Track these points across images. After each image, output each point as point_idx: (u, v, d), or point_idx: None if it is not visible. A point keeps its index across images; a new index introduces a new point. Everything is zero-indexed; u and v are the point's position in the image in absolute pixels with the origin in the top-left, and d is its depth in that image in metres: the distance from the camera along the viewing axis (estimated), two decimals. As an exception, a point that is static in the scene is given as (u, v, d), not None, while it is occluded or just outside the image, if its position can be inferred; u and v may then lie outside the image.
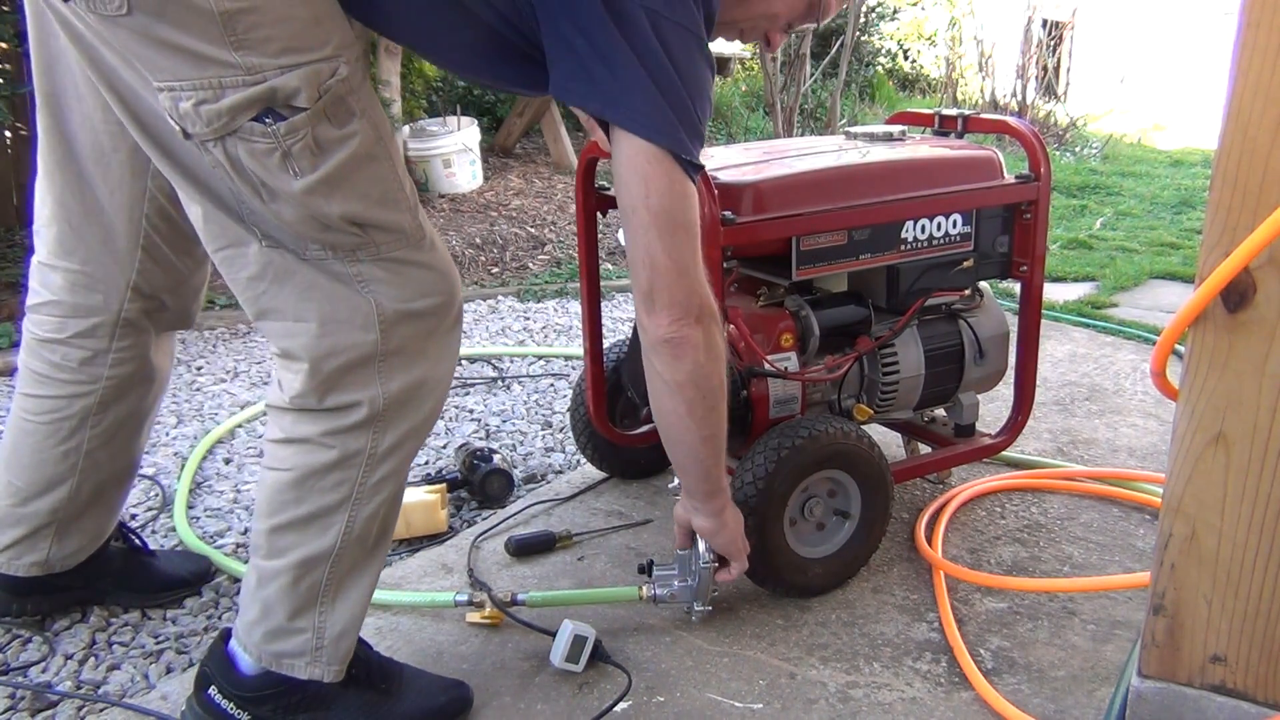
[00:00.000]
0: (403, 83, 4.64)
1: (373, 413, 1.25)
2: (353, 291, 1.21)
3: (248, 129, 1.10)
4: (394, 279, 1.22)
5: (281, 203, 1.14)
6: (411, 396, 1.27)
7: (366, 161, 1.17)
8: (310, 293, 1.21)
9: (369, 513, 1.30)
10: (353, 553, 1.31)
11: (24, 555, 1.60)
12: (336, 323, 1.21)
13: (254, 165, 1.12)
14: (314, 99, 1.10)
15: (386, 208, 1.20)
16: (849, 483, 1.73)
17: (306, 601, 1.30)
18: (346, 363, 1.23)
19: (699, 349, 1.34)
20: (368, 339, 1.22)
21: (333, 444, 1.26)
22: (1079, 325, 3.30)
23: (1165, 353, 1.14)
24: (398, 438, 1.28)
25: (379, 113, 1.19)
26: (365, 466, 1.27)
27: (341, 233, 1.18)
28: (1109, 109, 8.92)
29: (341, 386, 1.24)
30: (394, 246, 1.22)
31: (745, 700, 1.48)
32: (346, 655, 1.35)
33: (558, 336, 3.32)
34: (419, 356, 1.26)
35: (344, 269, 1.20)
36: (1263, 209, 1.04)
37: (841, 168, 1.74)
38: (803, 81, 5.58)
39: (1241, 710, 1.19)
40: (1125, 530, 1.97)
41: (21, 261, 3.75)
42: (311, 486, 1.27)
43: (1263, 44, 1.02)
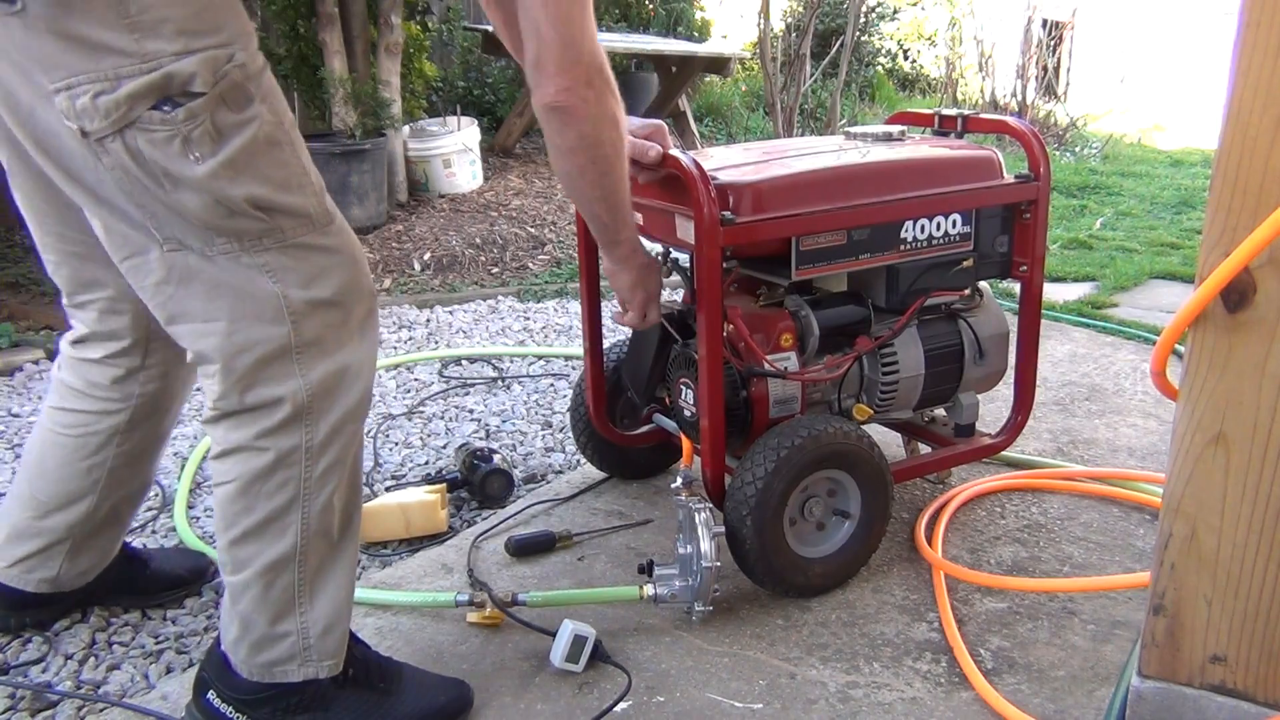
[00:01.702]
0: (403, 83, 4.63)
1: (297, 406, 1.24)
2: (259, 285, 1.20)
3: (146, 118, 1.10)
4: (301, 266, 1.21)
5: (184, 190, 1.13)
6: (336, 384, 1.26)
7: (268, 146, 1.17)
8: (216, 291, 1.20)
9: (321, 505, 1.28)
10: (318, 547, 1.30)
11: (35, 570, 1.60)
12: (245, 319, 1.20)
13: (155, 154, 1.11)
14: (210, 84, 1.11)
15: (290, 192, 1.19)
16: (848, 482, 1.73)
17: (284, 606, 1.30)
18: (260, 358, 1.22)
19: (585, 117, 1.36)
20: (279, 331, 1.21)
21: (266, 446, 1.25)
22: (1079, 325, 3.30)
23: (1165, 353, 1.14)
24: (331, 426, 1.26)
25: (280, 101, 1.19)
26: (305, 462, 1.26)
27: (247, 218, 1.17)
28: (1109, 109, 8.92)
29: (259, 382, 1.23)
30: (299, 231, 1.21)
31: (745, 700, 1.48)
32: (338, 649, 1.35)
33: (558, 336, 3.33)
34: (337, 345, 1.25)
35: (250, 260, 1.19)
36: (1263, 209, 1.04)
37: (841, 168, 1.74)
38: (803, 81, 5.58)
39: (1241, 710, 1.19)
40: (1125, 530, 1.97)
41: (21, 262, 3.75)
42: (257, 493, 1.26)
43: (1263, 44, 1.02)
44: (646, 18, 7.18)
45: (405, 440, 2.49)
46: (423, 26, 4.95)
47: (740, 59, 7.10)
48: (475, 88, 5.91)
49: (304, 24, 4.43)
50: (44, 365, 3.00)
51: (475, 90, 5.90)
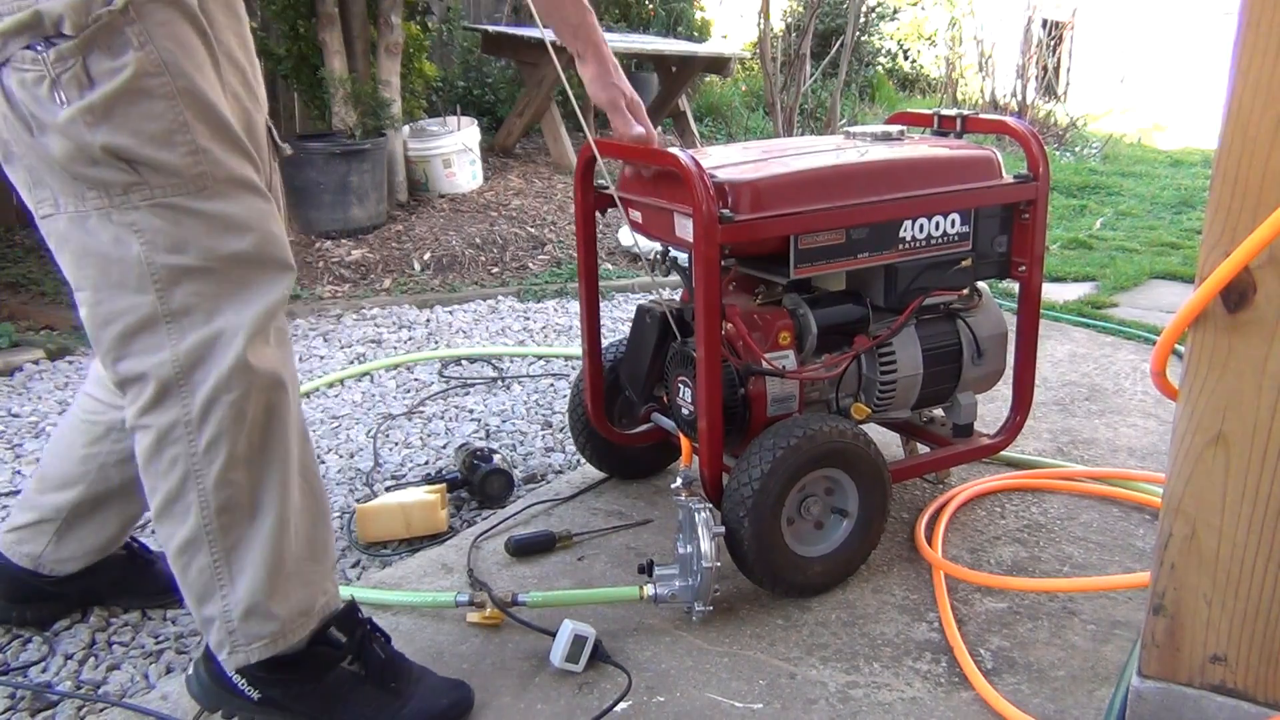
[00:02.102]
0: (403, 83, 4.63)
1: (162, 382, 1.20)
2: (125, 248, 1.16)
3: (19, 57, 1.09)
4: (172, 229, 1.17)
5: (49, 135, 1.12)
6: (205, 353, 1.20)
7: (141, 96, 1.13)
8: (84, 260, 1.18)
9: (215, 481, 1.23)
10: (225, 525, 1.25)
11: (24, 543, 1.61)
12: (109, 288, 1.18)
13: (24, 95, 1.10)
14: (80, 26, 1.09)
15: (160, 146, 1.14)
16: (846, 481, 1.73)
17: (204, 589, 1.27)
18: (125, 329, 1.19)
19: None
20: (143, 300, 1.18)
21: (148, 423, 1.22)
22: (1079, 325, 3.30)
23: (1165, 353, 1.14)
24: (206, 396, 1.21)
25: (176, 51, 1.15)
26: (188, 438, 1.22)
27: (108, 168, 1.13)
28: (1109, 109, 8.93)
29: (127, 355, 1.20)
30: (170, 191, 1.16)
31: (745, 700, 1.48)
32: (270, 629, 1.30)
33: (558, 336, 3.33)
34: (209, 315, 1.20)
35: (120, 218, 1.16)
36: (1263, 209, 1.04)
37: (840, 167, 1.74)
38: (803, 81, 5.58)
39: (1241, 710, 1.19)
40: (1125, 530, 1.97)
41: (21, 262, 3.75)
42: (155, 471, 1.24)
43: (1263, 44, 1.02)
44: (646, 18, 7.18)
45: (405, 440, 2.49)
46: (423, 26, 4.95)
47: (740, 59, 7.10)
48: (475, 88, 5.91)
49: (304, 24, 4.43)
50: (44, 365, 3.00)
51: (475, 90, 5.90)
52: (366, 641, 1.41)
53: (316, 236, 4.14)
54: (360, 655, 1.40)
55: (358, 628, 1.40)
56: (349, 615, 1.40)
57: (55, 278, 3.60)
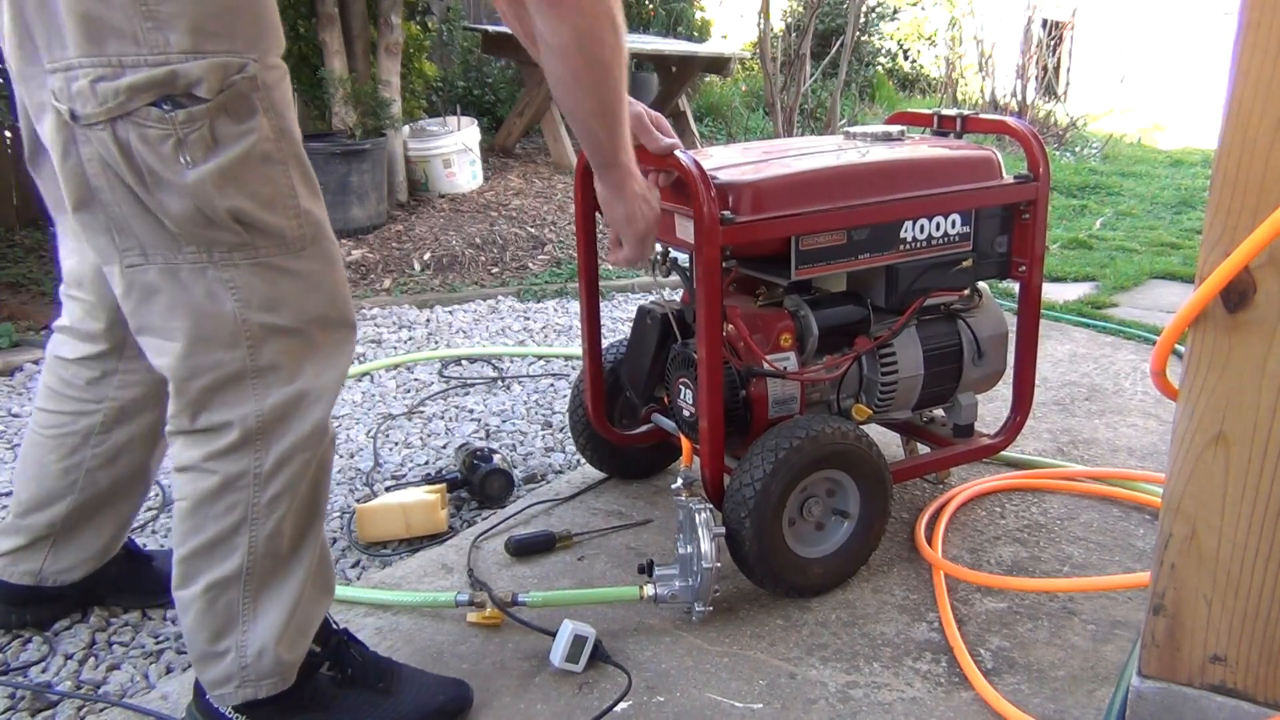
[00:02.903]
0: (403, 83, 4.63)
1: (245, 433, 1.21)
2: (219, 303, 1.17)
3: (143, 113, 1.08)
4: (266, 288, 1.18)
5: (167, 193, 1.11)
6: (290, 412, 1.23)
7: (260, 161, 1.15)
8: (175, 311, 1.18)
9: (270, 531, 1.26)
10: (264, 568, 1.28)
11: (19, 564, 1.61)
12: (201, 341, 1.18)
13: (144, 151, 1.09)
14: (215, 91, 1.09)
15: (272, 210, 1.17)
16: (847, 482, 1.73)
17: (224, 624, 1.28)
18: (212, 382, 1.20)
19: (580, 9, 1.27)
20: (234, 355, 1.19)
21: (214, 469, 1.23)
22: (1079, 325, 3.30)
23: (1165, 353, 1.14)
24: (282, 454, 1.24)
25: (287, 116, 1.17)
26: (254, 488, 1.24)
27: (224, 230, 1.14)
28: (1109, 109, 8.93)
29: (211, 406, 1.21)
30: (271, 251, 1.18)
31: (745, 700, 1.48)
32: (276, 668, 1.31)
33: (558, 336, 3.33)
34: (294, 373, 1.22)
35: (216, 274, 1.16)
36: (1263, 209, 1.04)
37: (840, 167, 1.74)
38: (803, 81, 5.58)
39: (1241, 710, 1.19)
40: (1125, 530, 1.97)
41: (21, 262, 3.75)
42: (206, 514, 1.24)
43: (1263, 44, 1.02)
44: (646, 18, 7.19)
45: (405, 440, 2.49)
46: (423, 26, 4.95)
47: (740, 59, 7.10)
48: (475, 88, 5.91)
49: (304, 24, 4.43)
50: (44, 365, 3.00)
51: (475, 90, 5.90)
52: (342, 648, 1.41)
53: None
54: (337, 660, 1.40)
55: (330, 635, 1.41)
56: (321, 625, 1.40)
57: (55, 278, 3.60)
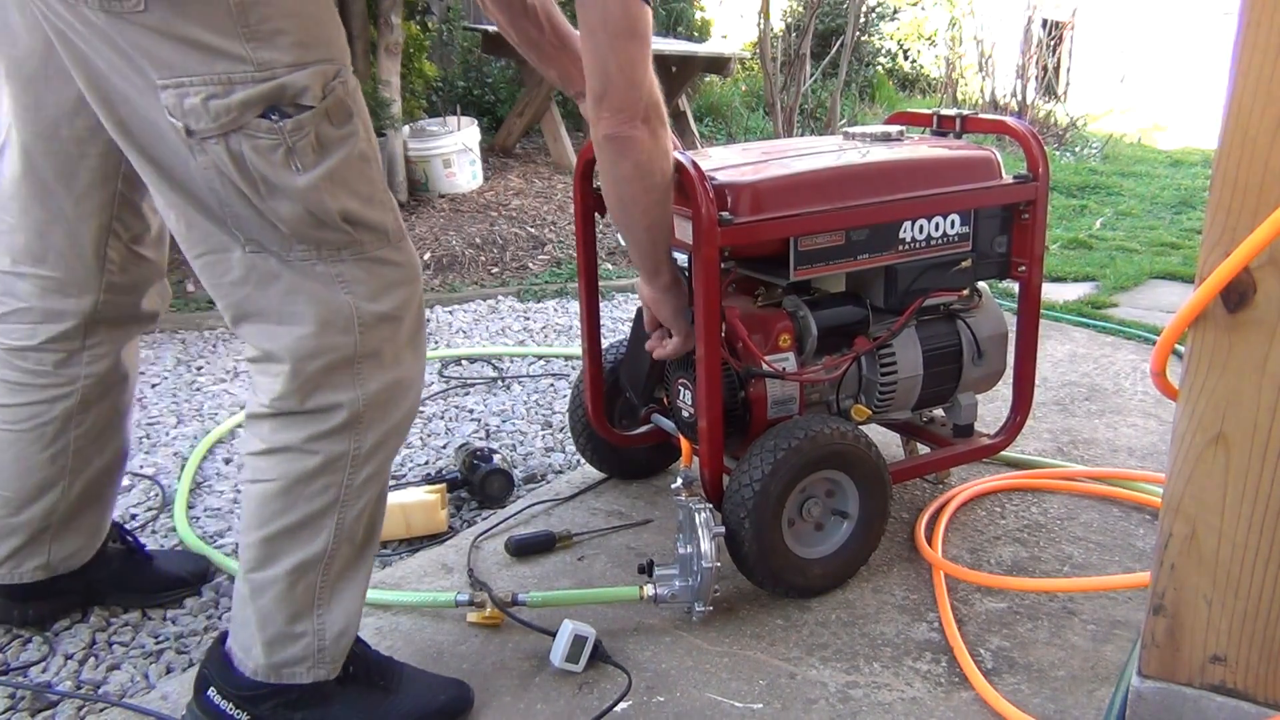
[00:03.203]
0: (403, 83, 4.63)
1: (353, 415, 1.27)
2: (333, 294, 1.23)
3: (254, 125, 1.12)
4: (371, 279, 1.25)
5: (280, 199, 1.16)
6: (390, 397, 1.29)
7: (361, 161, 1.21)
8: (295, 296, 1.22)
9: (356, 513, 1.31)
10: (344, 552, 1.32)
11: (25, 562, 1.60)
12: (321, 324, 1.23)
13: (258, 161, 1.14)
14: (319, 98, 1.14)
15: (375, 207, 1.23)
16: (847, 483, 1.73)
17: (304, 605, 1.31)
18: (328, 364, 1.24)
19: (641, 147, 1.45)
20: (347, 341, 1.24)
21: (316, 449, 1.27)
22: (1079, 325, 3.30)
23: (1165, 353, 1.14)
24: (378, 438, 1.30)
25: (368, 118, 1.24)
26: (350, 469, 1.29)
27: (335, 230, 1.20)
28: (1109, 109, 8.93)
29: (323, 388, 1.25)
30: (377, 245, 1.25)
31: (745, 700, 1.48)
32: (344, 653, 1.37)
33: (558, 336, 3.33)
34: (393, 359, 1.29)
35: (326, 269, 1.22)
36: (1263, 209, 1.04)
37: (839, 168, 1.74)
38: (803, 81, 5.58)
39: (1241, 710, 1.19)
40: (1125, 530, 1.97)
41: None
42: (299, 494, 1.28)
43: (1263, 44, 1.02)
44: (646, 18, 7.17)
45: (405, 440, 2.49)
46: (423, 26, 4.95)
47: (740, 59, 7.10)
48: (475, 88, 5.91)
49: (304, 24, 4.43)
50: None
51: (475, 90, 5.90)
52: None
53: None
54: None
55: None
56: None
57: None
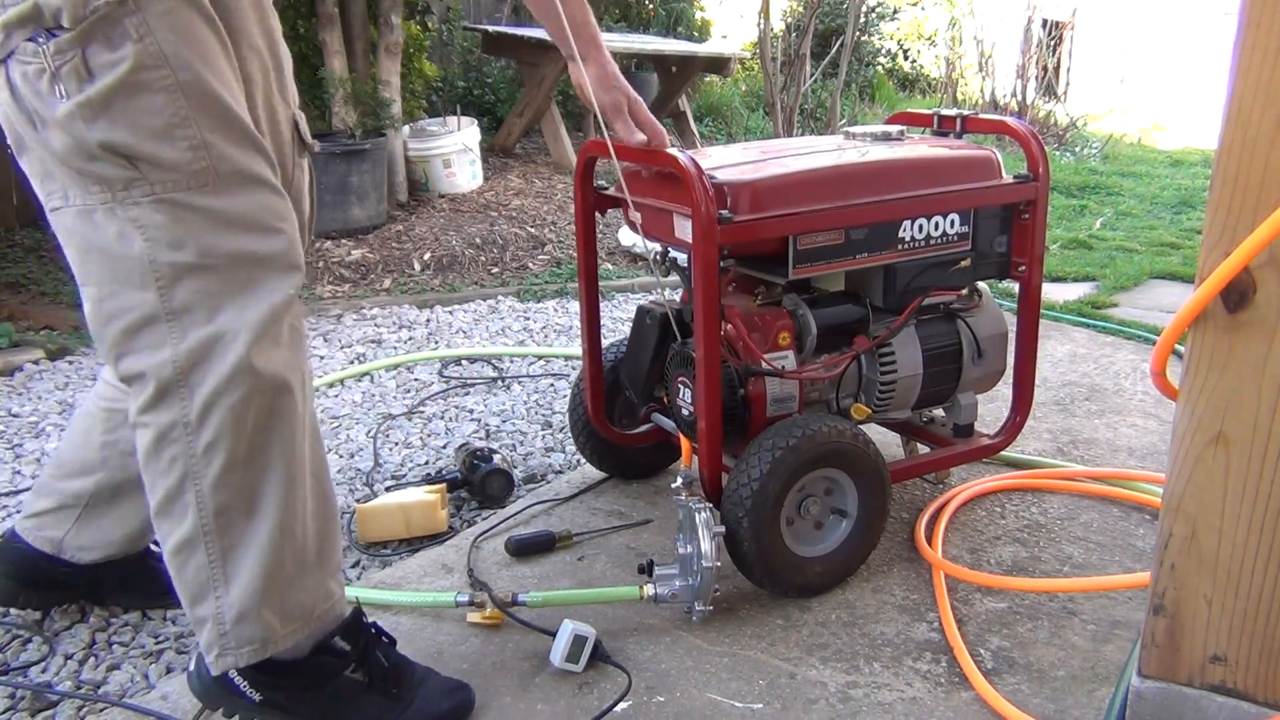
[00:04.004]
0: (403, 82, 4.63)
1: (163, 381, 1.18)
2: (129, 244, 1.15)
3: (22, 49, 1.08)
4: (173, 225, 1.15)
5: (50, 129, 1.11)
6: (205, 354, 1.18)
7: (139, 90, 1.11)
8: (88, 255, 1.17)
9: (213, 483, 1.22)
10: (223, 526, 1.24)
11: (45, 528, 1.61)
12: (114, 284, 1.16)
13: (26, 89, 1.10)
14: (78, 19, 1.07)
15: (160, 142, 1.12)
16: (845, 481, 1.73)
17: (199, 588, 1.26)
18: (127, 326, 1.18)
19: None
20: (145, 297, 1.16)
21: (147, 421, 1.21)
22: (1079, 325, 3.30)
23: (1165, 353, 1.14)
24: (205, 399, 1.19)
25: (179, 42, 1.12)
26: (187, 438, 1.20)
27: (107, 163, 1.12)
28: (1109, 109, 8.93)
29: (129, 353, 1.19)
30: (171, 187, 1.14)
31: (745, 700, 1.48)
32: (257, 635, 1.28)
33: (558, 336, 3.33)
34: (210, 314, 1.18)
35: (124, 213, 1.14)
36: (1263, 209, 1.04)
37: (839, 167, 1.74)
38: (803, 81, 5.58)
39: (1241, 710, 1.19)
40: (1125, 530, 1.97)
41: (21, 262, 3.75)
42: (154, 470, 1.23)
43: (1263, 44, 1.02)
44: (646, 18, 7.19)
45: (405, 440, 2.49)
46: (423, 26, 4.95)
47: (740, 59, 7.10)
48: (475, 88, 5.92)
49: (304, 24, 4.43)
50: (44, 365, 3.00)
51: (475, 90, 5.90)
52: (370, 649, 1.40)
53: (317, 236, 4.14)
54: (364, 663, 1.38)
55: (362, 635, 1.39)
56: (354, 623, 1.38)
57: (55, 278, 3.60)
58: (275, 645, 1.30)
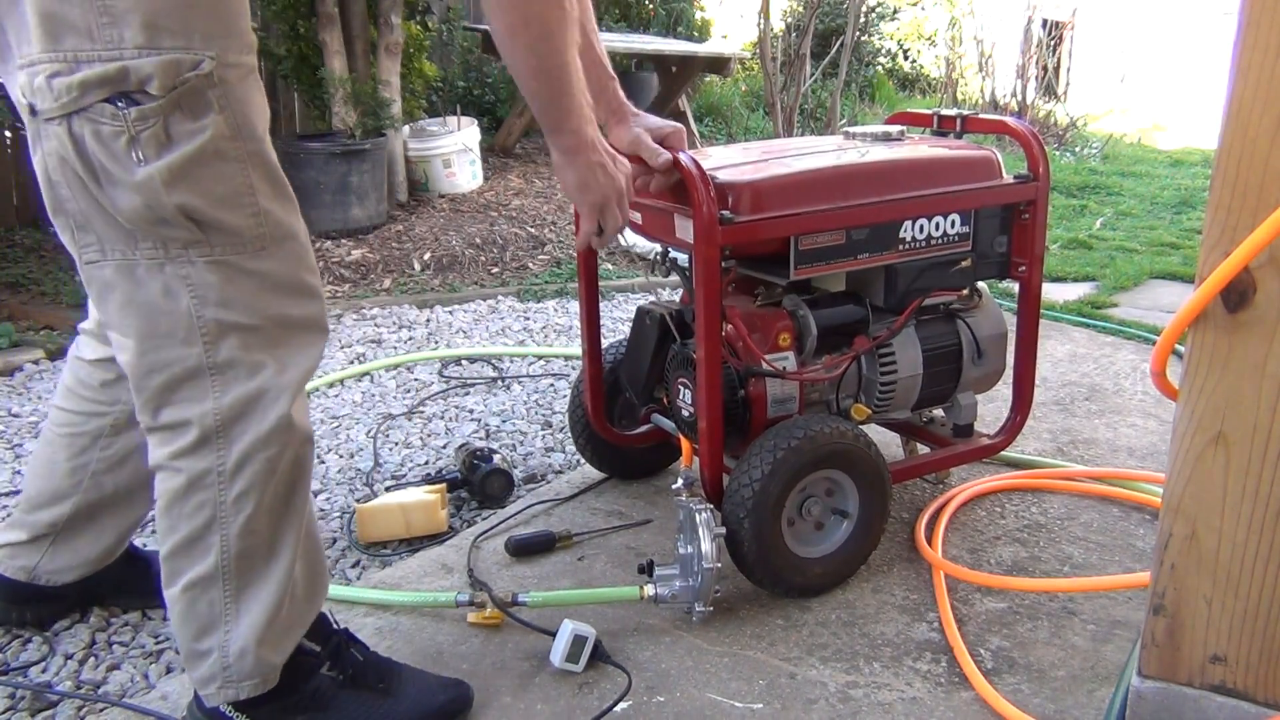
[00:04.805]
0: (403, 83, 4.63)
1: (205, 431, 1.21)
2: (175, 300, 1.17)
3: (98, 109, 1.08)
4: (225, 286, 1.18)
5: (119, 190, 1.12)
6: (249, 408, 1.22)
7: (214, 158, 1.14)
8: (129, 309, 1.18)
9: (240, 529, 1.25)
10: (241, 568, 1.27)
11: (15, 559, 1.61)
12: (156, 338, 1.18)
13: (97, 148, 1.10)
14: (167, 89, 1.09)
15: (227, 208, 1.16)
16: (846, 482, 1.73)
17: (207, 622, 1.28)
18: (170, 379, 1.20)
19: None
20: (190, 353, 1.19)
21: (180, 467, 1.23)
22: (1079, 325, 3.30)
23: (1165, 353, 1.14)
24: (243, 452, 1.23)
25: (246, 114, 1.17)
26: (219, 486, 1.24)
27: (176, 226, 1.14)
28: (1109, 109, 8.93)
29: (171, 403, 1.21)
30: (228, 250, 1.18)
31: (745, 700, 1.48)
32: (258, 668, 1.31)
33: (558, 336, 3.33)
34: (256, 368, 1.22)
35: (173, 269, 1.16)
36: (1263, 209, 1.04)
37: (840, 167, 1.74)
38: (803, 81, 5.58)
39: (1241, 710, 1.19)
40: (1125, 530, 1.97)
41: (21, 262, 3.75)
42: (178, 513, 1.25)
43: (1263, 44, 1.02)
44: (646, 18, 7.18)
45: (405, 440, 2.49)
46: (423, 26, 4.95)
47: (740, 59, 7.10)
48: (475, 88, 5.91)
49: (304, 24, 4.43)
50: (44, 365, 3.00)
51: (475, 90, 5.90)
52: (342, 647, 1.41)
53: (316, 236, 4.14)
54: (337, 660, 1.40)
55: (331, 635, 1.41)
56: (319, 624, 1.40)
57: (55, 278, 3.60)
58: (271, 679, 1.33)
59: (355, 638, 1.45)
